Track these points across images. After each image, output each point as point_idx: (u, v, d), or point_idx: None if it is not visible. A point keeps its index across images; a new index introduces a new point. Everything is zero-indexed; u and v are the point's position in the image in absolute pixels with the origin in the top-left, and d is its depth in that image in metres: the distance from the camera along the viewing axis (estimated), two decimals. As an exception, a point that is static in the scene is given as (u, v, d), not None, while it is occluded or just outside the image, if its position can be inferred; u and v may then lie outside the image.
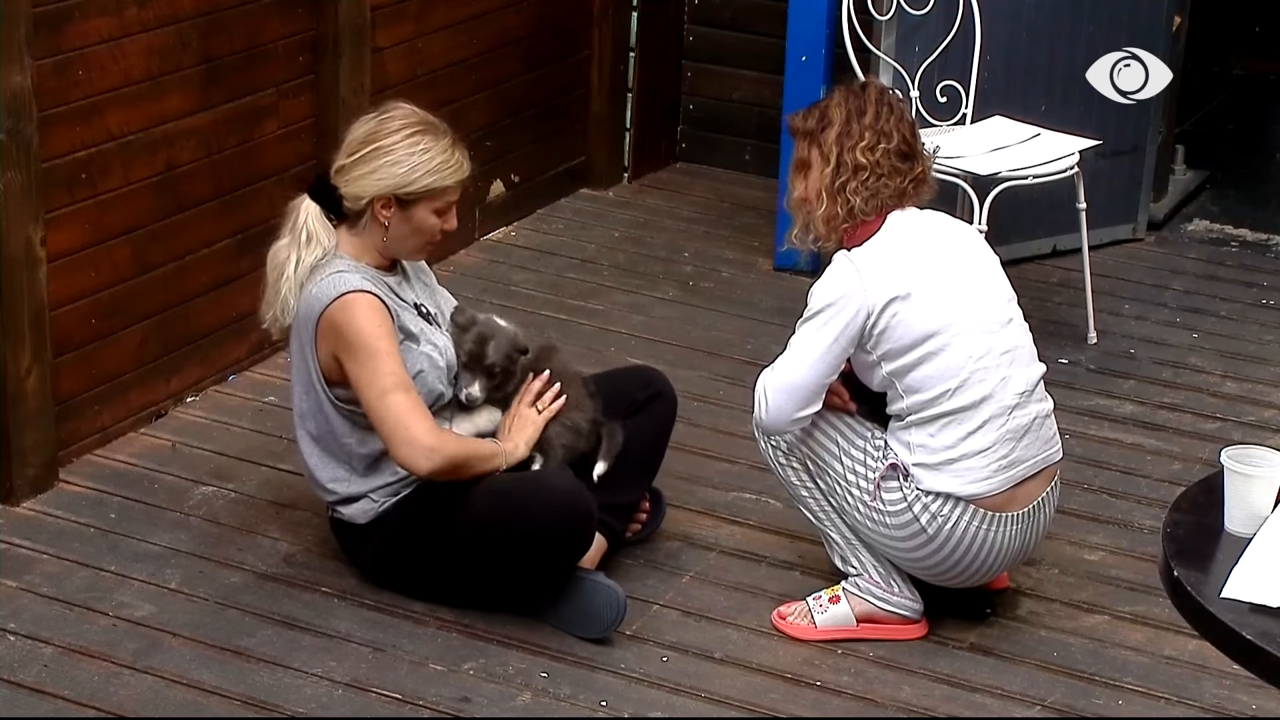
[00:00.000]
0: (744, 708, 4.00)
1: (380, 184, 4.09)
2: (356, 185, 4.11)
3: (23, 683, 3.94)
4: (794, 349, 4.06)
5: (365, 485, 4.21)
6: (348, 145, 4.16)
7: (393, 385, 4.01)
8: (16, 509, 4.59)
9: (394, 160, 4.08)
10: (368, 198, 4.11)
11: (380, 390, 4.02)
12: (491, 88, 6.25)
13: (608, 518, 4.32)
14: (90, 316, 4.81)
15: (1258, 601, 2.99)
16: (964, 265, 4.12)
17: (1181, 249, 6.72)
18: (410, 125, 4.13)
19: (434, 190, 4.11)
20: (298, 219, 4.16)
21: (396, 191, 4.09)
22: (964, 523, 4.07)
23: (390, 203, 4.10)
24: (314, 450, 4.23)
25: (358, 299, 4.06)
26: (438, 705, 3.94)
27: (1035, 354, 4.17)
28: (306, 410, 4.21)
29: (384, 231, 4.14)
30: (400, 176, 4.08)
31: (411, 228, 4.14)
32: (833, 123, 4.10)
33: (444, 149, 4.12)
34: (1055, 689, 4.12)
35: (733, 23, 7.02)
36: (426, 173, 4.09)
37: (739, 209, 6.83)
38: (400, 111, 4.17)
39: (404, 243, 4.18)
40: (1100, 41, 6.24)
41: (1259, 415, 5.46)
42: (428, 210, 4.13)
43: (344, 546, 4.36)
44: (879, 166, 4.07)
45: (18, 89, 4.39)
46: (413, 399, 4.04)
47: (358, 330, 4.03)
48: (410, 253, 4.23)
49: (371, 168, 4.09)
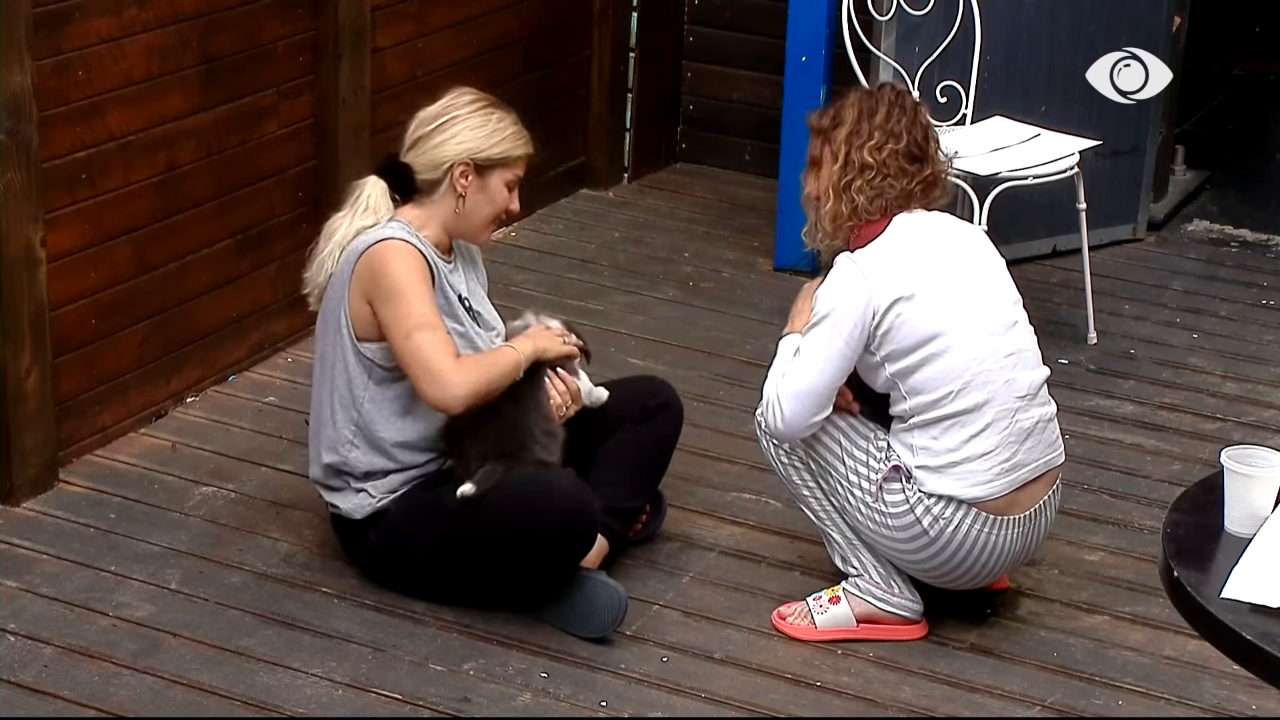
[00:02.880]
0: (744, 708, 4.00)
1: (460, 147, 4.18)
2: (434, 153, 4.20)
3: (23, 683, 3.94)
4: (804, 355, 4.05)
5: (363, 461, 4.20)
6: (419, 122, 4.25)
7: (417, 325, 4.07)
8: (16, 509, 4.59)
9: (473, 125, 4.21)
10: (448, 163, 4.18)
11: (405, 330, 4.07)
12: (491, 88, 6.20)
13: (610, 520, 4.33)
14: (90, 316, 4.81)
15: (1258, 601, 2.99)
16: (969, 268, 4.12)
17: (1181, 249, 6.72)
18: (480, 99, 4.29)
19: (508, 159, 4.22)
20: (360, 193, 4.24)
21: (475, 155, 4.18)
22: (965, 525, 4.07)
23: (469, 169, 4.18)
24: (326, 406, 4.23)
25: (397, 244, 4.13)
26: (438, 705, 3.94)
27: (1040, 358, 4.17)
28: (329, 360, 4.22)
29: (459, 202, 4.20)
30: (480, 140, 4.20)
31: (486, 197, 4.22)
32: (844, 122, 4.13)
33: (514, 122, 4.28)
34: (1055, 689, 4.12)
35: (733, 23, 7.02)
36: (503, 139, 4.22)
37: (739, 209, 6.83)
38: (467, 91, 4.31)
39: (477, 213, 4.23)
40: (1100, 41, 6.24)
41: (1259, 415, 5.46)
42: (501, 180, 4.22)
43: (342, 543, 4.36)
44: (885, 166, 4.07)
45: (18, 89, 4.39)
46: (438, 337, 4.08)
47: (391, 272, 4.09)
48: (479, 227, 4.27)
49: (451, 133, 4.20)
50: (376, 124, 5.65)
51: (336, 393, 4.22)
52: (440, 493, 4.17)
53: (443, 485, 4.19)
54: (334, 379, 4.22)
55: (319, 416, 4.28)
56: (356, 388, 4.20)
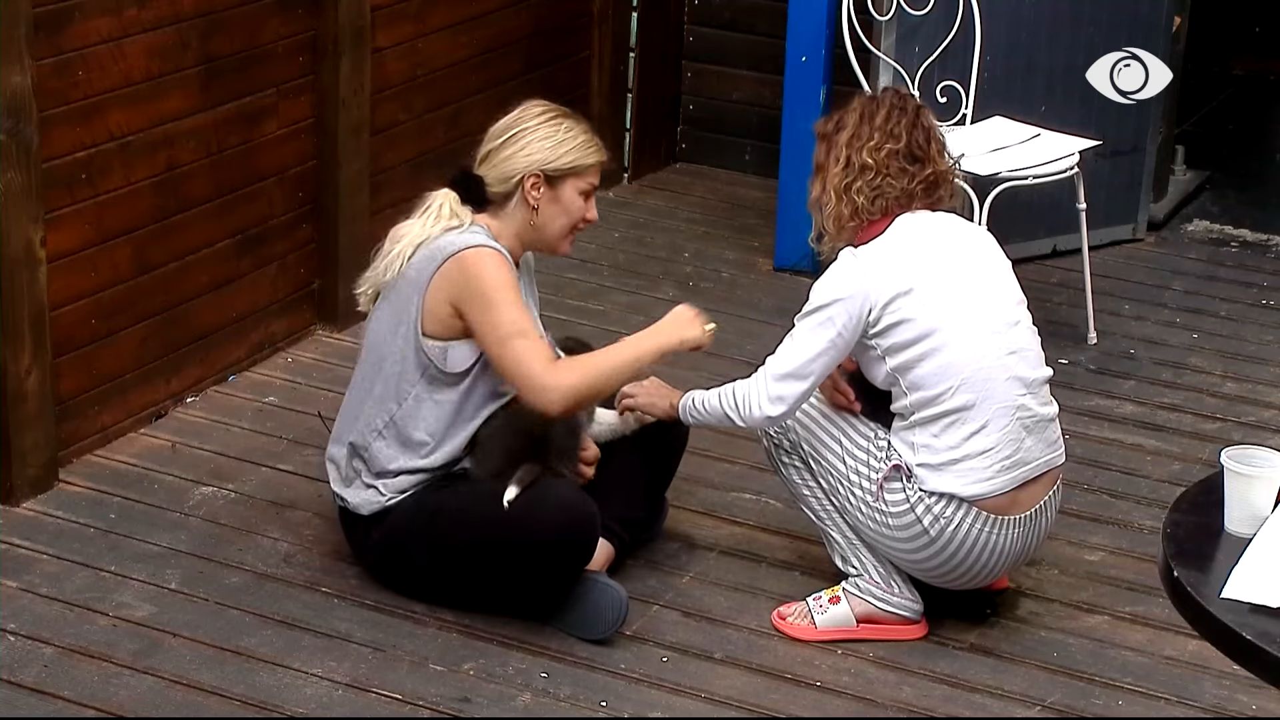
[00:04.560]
0: (744, 708, 4.00)
1: (529, 159, 4.18)
2: (505, 165, 4.20)
3: (23, 683, 3.94)
4: (794, 342, 4.07)
5: (385, 454, 4.19)
6: (489, 137, 4.26)
7: (511, 333, 4.08)
8: (16, 509, 4.59)
9: (541, 136, 4.20)
10: (518, 175, 4.18)
11: (499, 338, 4.08)
12: (491, 88, 6.24)
13: (617, 528, 4.35)
14: (90, 316, 4.81)
15: (1258, 601, 2.99)
16: (971, 265, 4.12)
17: (1181, 249, 6.72)
18: (549, 110, 4.27)
19: (579, 167, 4.21)
20: (431, 202, 4.24)
21: (545, 167, 4.18)
22: (966, 525, 4.07)
23: (539, 181, 4.18)
24: (368, 391, 4.22)
25: (490, 252, 4.13)
26: (438, 705, 3.94)
27: (1043, 358, 4.18)
28: (383, 349, 4.20)
29: (532, 214, 4.20)
30: (548, 151, 4.19)
31: (560, 207, 4.22)
32: (846, 126, 4.17)
33: (584, 130, 4.26)
34: (1055, 689, 4.12)
35: (733, 23, 7.02)
36: (572, 148, 4.21)
37: (739, 209, 6.83)
38: (536, 103, 4.30)
39: (552, 224, 4.23)
40: (1100, 41, 6.24)
41: (1259, 415, 5.46)
42: (574, 190, 4.22)
43: (347, 536, 4.36)
44: (885, 167, 4.09)
45: (18, 89, 4.39)
46: (532, 343, 4.09)
47: (486, 280, 4.09)
48: (557, 237, 4.26)
49: (520, 145, 4.19)
50: (376, 124, 5.65)
51: (383, 381, 4.21)
52: (442, 498, 4.17)
53: (447, 489, 4.19)
54: (385, 368, 4.20)
55: (357, 400, 4.26)
56: (405, 382, 4.19)
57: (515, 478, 4.08)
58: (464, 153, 4.35)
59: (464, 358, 4.16)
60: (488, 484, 4.12)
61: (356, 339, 5.58)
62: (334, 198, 5.54)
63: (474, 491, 4.15)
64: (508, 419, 4.20)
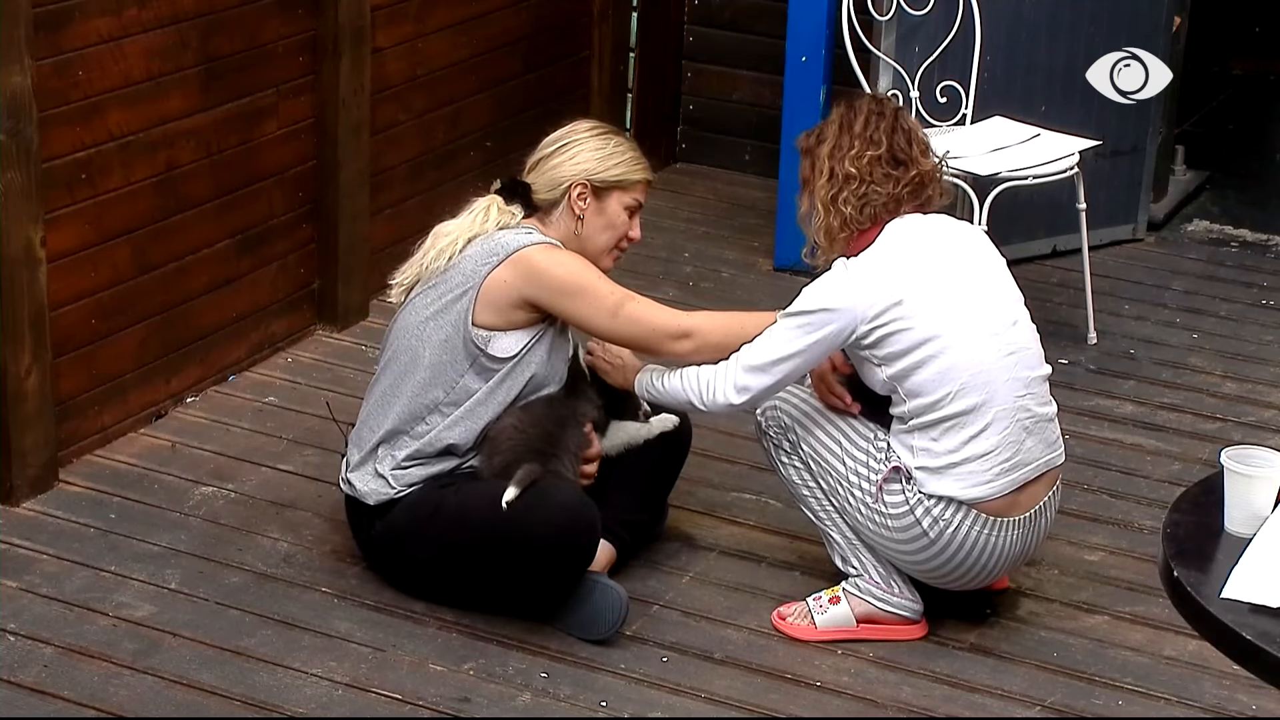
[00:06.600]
0: (744, 708, 4.00)
1: (576, 168, 4.24)
2: (553, 173, 4.26)
3: (23, 683, 3.94)
4: (772, 338, 4.06)
5: (441, 427, 4.18)
6: (540, 147, 4.33)
7: (618, 301, 4.17)
8: (16, 509, 4.59)
9: (591, 148, 4.27)
10: (565, 183, 4.24)
11: (608, 311, 4.16)
12: (491, 88, 6.24)
13: (621, 531, 4.35)
14: (90, 316, 4.81)
15: (1258, 601, 2.99)
16: (966, 267, 4.12)
17: (1181, 249, 6.72)
18: (599, 126, 4.39)
19: (625, 182, 4.28)
20: (478, 204, 4.28)
21: (592, 177, 4.24)
22: (965, 527, 4.07)
23: (586, 190, 4.23)
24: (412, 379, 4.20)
25: (549, 247, 4.19)
26: (438, 705, 3.94)
27: (1042, 357, 4.17)
28: (423, 340, 4.19)
29: (577, 224, 4.25)
30: (597, 162, 4.25)
31: (605, 220, 4.27)
32: (826, 137, 4.18)
33: (632, 147, 4.34)
34: (1055, 689, 4.12)
35: (733, 23, 7.02)
36: (620, 162, 4.28)
37: (739, 209, 6.83)
38: (587, 120, 4.42)
39: (596, 237, 4.27)
40: (1100, 41, 6.24)
41: (1259, 415, 5.46)
42: (619, 204, 4.27)
43: (351, 526, 4.36)
44: (869, 174, 4.09)
45: (18, 89, 4.39)
46: (642, 301, 4.20)
47: (561, 272, 4.15)
48: (600, 252, 4.29)
49: (569, 154, 4.26)
50: (376, 124, 5.65)
51: (431, 367, 4.19)
52: (445, 496, 4.16)
53: (450, 488, 4.18)
54: (431, 356, 4.19)
55: (390, 387, 4.24)
56: (451, 371, 4.20)
57: (515, 478, 4.07)
58: (464, 153, 4.35)
59: (511, 345, 4.18)
60: (490, 483, 4.12)
61: (357, 339, 5.60)
62: (334, 198, 5.54)
63: (476, 491, 4.15)
64: (516, 416, 4.20)
